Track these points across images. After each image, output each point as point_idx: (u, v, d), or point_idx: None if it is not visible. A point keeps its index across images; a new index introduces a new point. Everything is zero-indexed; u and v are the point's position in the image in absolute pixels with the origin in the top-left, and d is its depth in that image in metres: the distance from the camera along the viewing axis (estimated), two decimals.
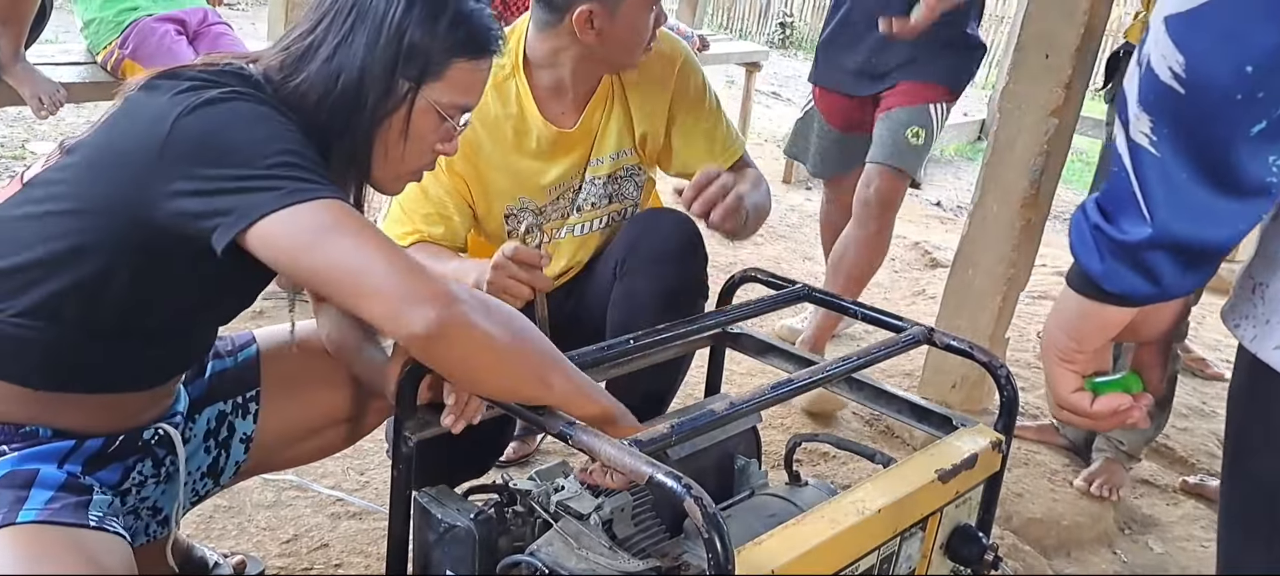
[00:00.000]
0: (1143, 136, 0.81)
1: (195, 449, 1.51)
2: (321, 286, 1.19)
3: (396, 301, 1.13)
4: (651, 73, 1.95)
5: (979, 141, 6.85)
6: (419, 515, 1.38)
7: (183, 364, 1.44)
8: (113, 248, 1.21)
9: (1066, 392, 0.99)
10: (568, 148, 1.92)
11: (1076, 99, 2.55)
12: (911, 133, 2.78)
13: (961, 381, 2.78)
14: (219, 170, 1.15)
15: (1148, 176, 0.81)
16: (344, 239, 1.14)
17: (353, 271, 1.14)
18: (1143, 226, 0.82)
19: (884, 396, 1.73)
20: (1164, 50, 0.78)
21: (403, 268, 1.15)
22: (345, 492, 2.11)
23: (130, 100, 1.24)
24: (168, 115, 1.17)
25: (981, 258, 2.70)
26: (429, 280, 1.15)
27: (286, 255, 1.15)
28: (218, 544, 1.88)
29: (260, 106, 1.22)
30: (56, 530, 1.18)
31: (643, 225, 1.90)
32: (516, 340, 1.24)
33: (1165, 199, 0.80)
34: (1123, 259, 0.85)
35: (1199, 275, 0.85)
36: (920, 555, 1.46)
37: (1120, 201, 0.84)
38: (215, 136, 1.17)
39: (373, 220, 1.41)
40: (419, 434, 1.38)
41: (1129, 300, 0.88)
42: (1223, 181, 0.79)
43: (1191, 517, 2.64)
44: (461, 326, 1.16)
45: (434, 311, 1.13)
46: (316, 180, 1.16)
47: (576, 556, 1.29)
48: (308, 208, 1.14)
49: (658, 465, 1.14)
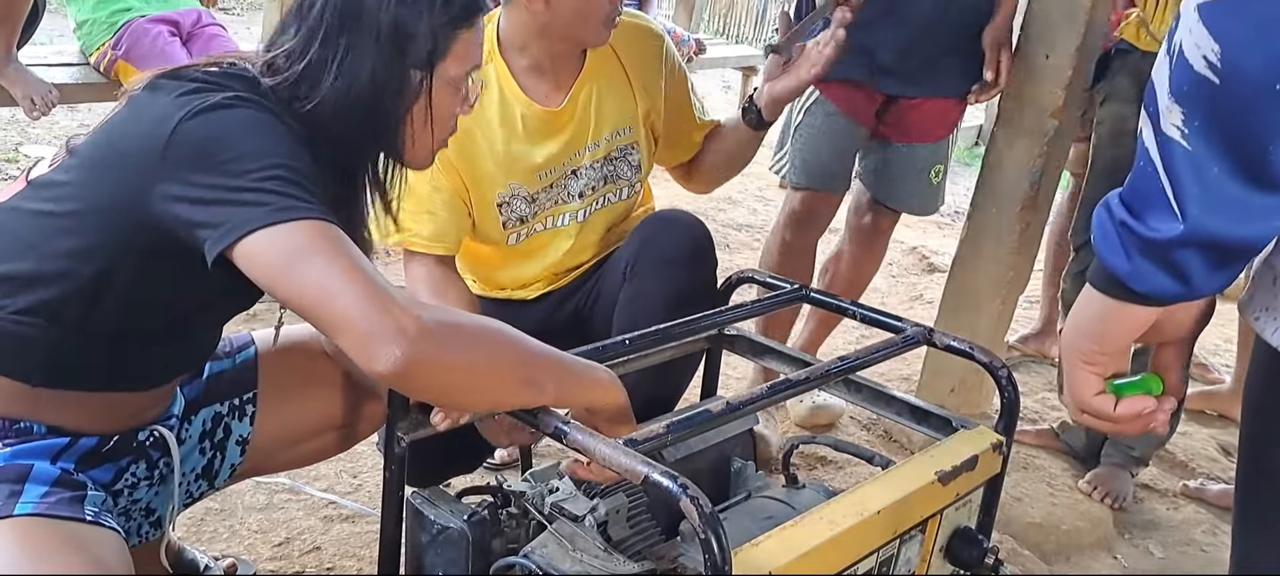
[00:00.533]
0: (1174, 129, 0.78)
1: (190, 450, 1.49)
2: (297, 311, 1.17)
3: (361, 338, 1.10)
4: (647, 47, 1.96)
5: (976, 146, 6.84)
6: (412, 517, 1.37)
7: (185, 365, 1.43)
8: (115, 248, 1.21)
9: (1089, 396, 0.96)
10: (557, 127, 1.89)
11: (1075, 101, 2.54)
12: (933, 173, 2.57)
13: (960, 385, 2.76)
14: (214, 177, 1.14)
15: (1179, 171, 0.78)
16: (315, 265, 1.11)
17: (321, 301, 1.12)
18: (1174, 223, 0.79)
19: (883, 398, 1.71)
20: (1198, 39, 0.75)
21: (370, 299, 1.10)
22: (338, 495, 2.09)
23: (134, 100, 1.24)
24: (171, 117, 1.16)
25: (980, 261, 2.68)
26: (396, 313, 1.11)
27: (265, 276, 1.13)
28: (209, 547, 1.86)
29: (262, 114, 1.21)
30: (53, 523, 1.18)
31: (653, 227, 1.87)
32: (492, 358, 1.21)
33: (1198, 195, 0.77)
34: (1152, 257, 0.82)
35: (1228, 273, 0.82)
36: (920, 558, 1.45)
37: (1148, 197, 0.81)
38: (215, 142, 1.16)
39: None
40: (412, 434, 1.36)
41: (1156, 300, 0.85)
42: (1258, 176, 0.75)
43: (1192, 522, 2.62)
44: (427, 362, 1.12)
45: (399, 349, 1.09)
46: (302, 198, 1.14)
47: (571, 558, 1.27)
48: (287, 228, 1.12)
49: (653, 464, 1.12)
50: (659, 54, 1.98)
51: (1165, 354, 0.98)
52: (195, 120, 1.16)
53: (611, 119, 1.92)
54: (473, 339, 1.19)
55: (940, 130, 2.53)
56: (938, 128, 2.52)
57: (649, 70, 1.96)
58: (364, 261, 1.16)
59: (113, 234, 1.20)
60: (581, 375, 1.29)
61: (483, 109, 1.84)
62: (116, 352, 1.29)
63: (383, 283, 1.14)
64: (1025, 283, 2.81)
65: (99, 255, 1.21)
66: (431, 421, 1.33)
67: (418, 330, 1.11)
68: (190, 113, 1.16)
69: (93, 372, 1.29)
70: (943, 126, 2.53)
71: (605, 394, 1.29)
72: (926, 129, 2.51)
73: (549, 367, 1.25)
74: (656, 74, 1.97)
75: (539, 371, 1.24)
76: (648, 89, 1.95)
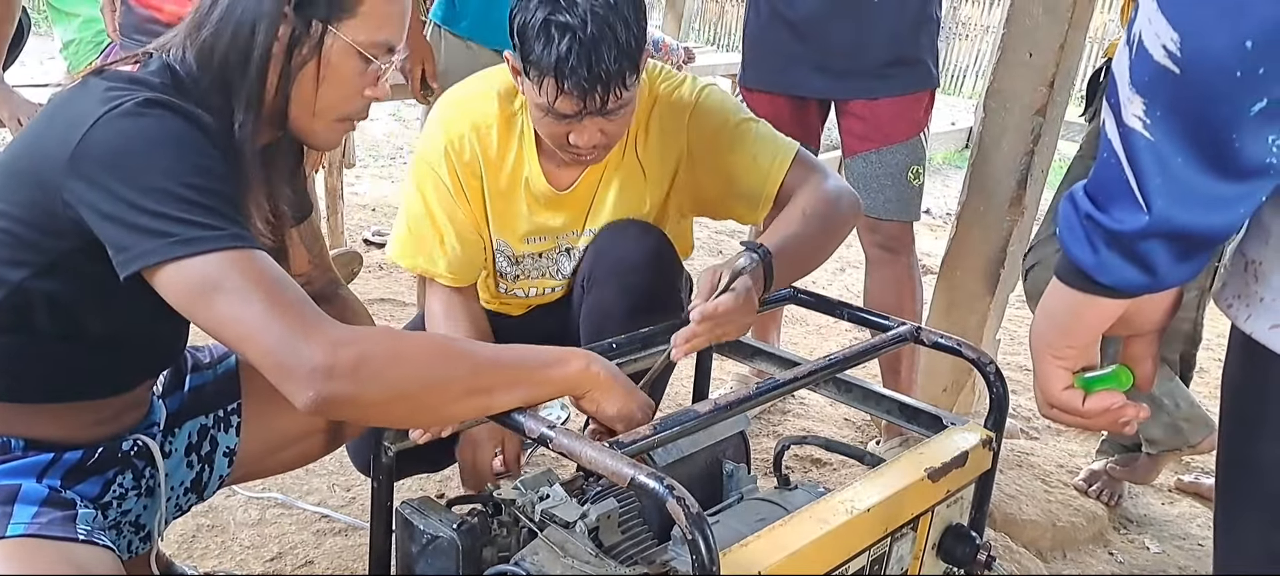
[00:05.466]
0: (1136, 120, 0.77)
1: (176, 464, 1.48)
2: (219, 341, 1.15)
3: (277, 376, 1.08)
4: (665, 126, 1.80)
5: (966, 149, 6.86)
6: (401, 527, 1.36)
7: (151, 366, 1.41)
8: (44, 250, 1.18)
9: (1057, 391, 0.95)
10: (557, 207, 1.82)
11: (1061, 98, 2.55)
12: (911, 173, 2.45)
13: (952, 386, 2.76)
14: (120, 188, 1.11)
15: (1142, 162, 0.77)
16: (227, 301, 1.09)
17: (237, 337, 1.10)
18: (1138, 215, 0.79)
19: (873, 397, 1.71)
20: (1157, 28, 0.74)
21: (281, 339, 1.07)
22: (330, 509, 2.08)
23: (52, 103, 1.22)
24: (81, 123, 1.13)
25: (969, 259, 2.68)
26: (308, 348, 1.07)
27: (180, 306, 1.11)
28: (200, 563, 1.85)
29: (176, 122, 1.16)
30: (46, 543, 1.17)
31: (607, 238, 1.81)
32: (425, 380, 1.15)
33: (1162, 185, 0.77)
34: (1117, 249, 0.82)
35: (1195, 263, 0.82)
36: (912, 555, 1.44)
37: (1112, 189, 0.80)
38: (122, 152, 1.12)
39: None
40: (398, 444, 1.36)
41: (1123, 292, 0.85)
42: (1222, 164, 0.75)
43: (1188, 516, 2.63)
44: (342, 399, 1.09)
45: (311, 390, 1.07)
46: (210, 223, 1.11)
47: (562, 565, 1.27)
48: (195, 263, 1.09)
49: (639, 467, 1.12)
50: (677, 132, 1.80)
51: (1135, 346, 0.97)
52: (102, 127, 1.13)
53: (617, 211, 1.83)
54: (399, 361, 1.14)
55: (905, 128, 2.44)
56: (901, 127, 2.43)
57: (666, 153, 1.82)
58: (280, 286, 1.11)
59: (37, 241, 1.17)
60: (547, 365, 1.25)
61: (506, 159, 1.78)
62: (71, 361, 1.27)
63: (299, 310, 1.10)
64: (1015, 281, 2.81)
65: (26, 265, 1.18)
66: (411, 438, 1.33)
67: (328, 366, 1.07)
68: (103, 117, 1.13)
69: (52, 383, 1.27)
70: (906, 124, 2.44)
71: (582, 374, 1.26)
72: (890, 130, 2.43)
73: (502, 371, 1.21)
74: (672, 154, 1.82)
75: (487, 377, 1.20)
76: (660, 176, 1.84)
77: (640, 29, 1.59)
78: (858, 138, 2.45)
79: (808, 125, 2.48)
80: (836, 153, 2.54)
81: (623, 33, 1.55)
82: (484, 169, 1.78)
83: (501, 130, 1.78)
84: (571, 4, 1.54)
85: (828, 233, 1.69)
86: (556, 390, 1.27)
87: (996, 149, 2.59)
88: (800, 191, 1.72)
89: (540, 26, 1.54)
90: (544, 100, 1.59)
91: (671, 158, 1.82)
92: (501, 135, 1.78)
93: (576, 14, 1.53)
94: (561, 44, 1.53)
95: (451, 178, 1.77)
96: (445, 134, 1.77)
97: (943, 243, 2.83)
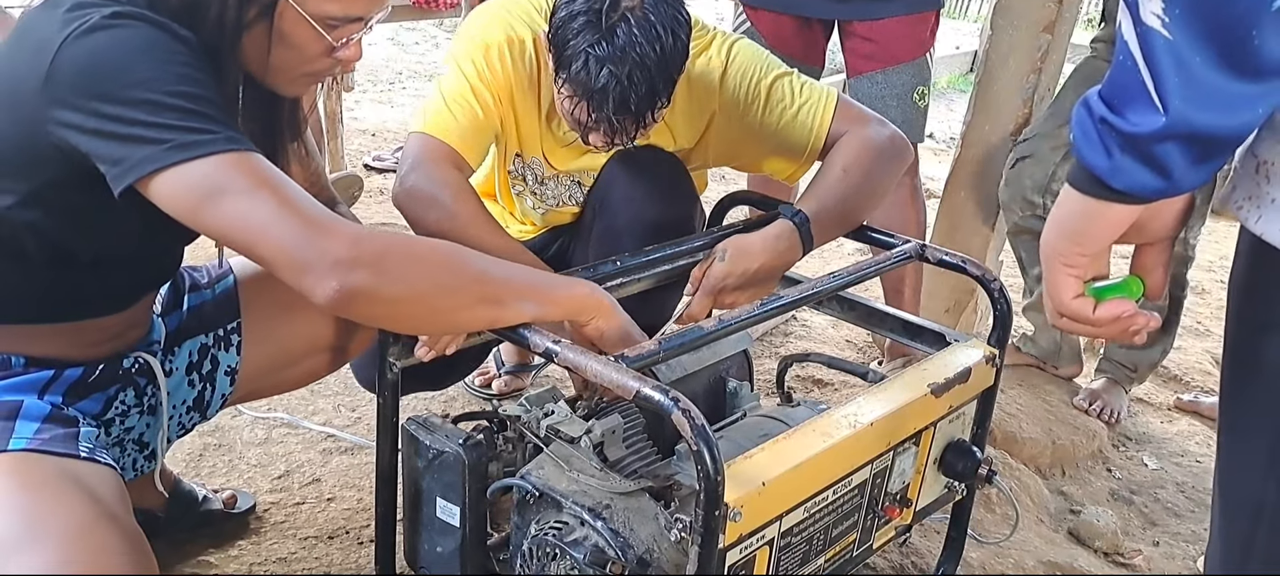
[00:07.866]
0: (1154, 17, 0.75)
1: (179, 382, 1.49)
2: (226, 244, 1.13)
3: (294, 272, 1.07)
4: (695, 91, 1.75)
5: (970, 73, 6.79)
6: (407, 443, 1.37)
7: (148, 283, 1.40)
8: (26, 178, 1.15)
9: (1067, 299, 0.95)
10: (582, 150, 1.78)
11: (1069, 15, 2.51)
12: (918, 94, 2.39)
13: (954, 306, 2.76)
14: (104, 105, 1.07)
15: (1160, 62, 0.76)
16: (234, 201, 1.07)
17: (247, 238, 1.08)
18: (1155, 116, 0.77)
19: (876, 315, 1.72)
20: None
21: (298, 231, 1.06)
22: (336, 428, 2.10)
23: (20, 24, 1.17)
24: (52, 42, 1.09)
25: (974, 181, 2.67)
26: (327, 242, 1.06)
27: (181, 213, 1.09)
28: (208, 481, 1.87)
29: (150, 31, 1.12)
30: (48, 459, 1.17)
31: (621, 161, 1.79)
32: (439, 280, 1.16)
33: (1180, 85, 0.76)
34: (1132, 152, 0.80)
35: (1210, 166, 0.81)
36: (914, 470, 1.45)
37: (1128, 91, 0.79)
38: (99, 68, 1.08)
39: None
40: (403, 360, 1.36)
41: (1137, 197, 0.84)
42: (1240, 63, 0.74)
43: (1186, 435, 2.65)
44: (365, 291, 1.09)
45: (334, 281, 1.06)
46: (205, 127, 1.08)
47: (567, 478, 1.28)
48: (195, 167, 1.07)
49: (645, 380, 1.12)
50: (709, 94, 1.76)
51: (1146, 255, 0.97)
52: (76, 43, 1.08)
53: None
54: (417, 261, 1.15)
55: (910, 49, 2.38)
56: (906, 47, 2.37)
57: (694, 113, 1.78)
58: (287, 187, 1.10)
59: (18, 166, 1.14)
60: (555, 286, 1.26)
61: (533, 92, 1.73)
62: (66, 281, 1.26)
63: (311, 207, 1.09)
64: None
65: (8, 192, 1.16)
66: (416, 354, 1.33)
67: (351, 258, 1.07)
68: (70, 36, 1.08)
69: (49, 303, 1.26)
70: (912, 44, 2.38)
71: (588, 298, 1.27)
72: (896, 50, 2.37)
73: (512, 284, 1.22)
74: (702, 114, 1.78)
75: (498, 288, 1.21)
76: (687, 131, 1.81)
77: (682, 61, 1.55)
78: (863, 58, 2.40)
79: (812, 45, 2.45)
80: (841, 76, 2.50)
81: (660, 79, 1.50)
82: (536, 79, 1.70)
83: (535, 77, 1.73)
84: (613, 37, 1.47)
85: (870, 188, 1.67)
86: (563, 311, 1.28)
87: (1003, 67, 2.56)
88: (841, 144, 1.69)
89: (581, 52, 1.49)
90: (570, 107, 1.56)
91: (701, 121, 1.79)
92: (539, 81, 1.73)
93: (618, 51, 1.47)
94: (599, 78, 1.48)
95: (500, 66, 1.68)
96: (505, 32, 1.69)
97: (946, 166, 2.81)
